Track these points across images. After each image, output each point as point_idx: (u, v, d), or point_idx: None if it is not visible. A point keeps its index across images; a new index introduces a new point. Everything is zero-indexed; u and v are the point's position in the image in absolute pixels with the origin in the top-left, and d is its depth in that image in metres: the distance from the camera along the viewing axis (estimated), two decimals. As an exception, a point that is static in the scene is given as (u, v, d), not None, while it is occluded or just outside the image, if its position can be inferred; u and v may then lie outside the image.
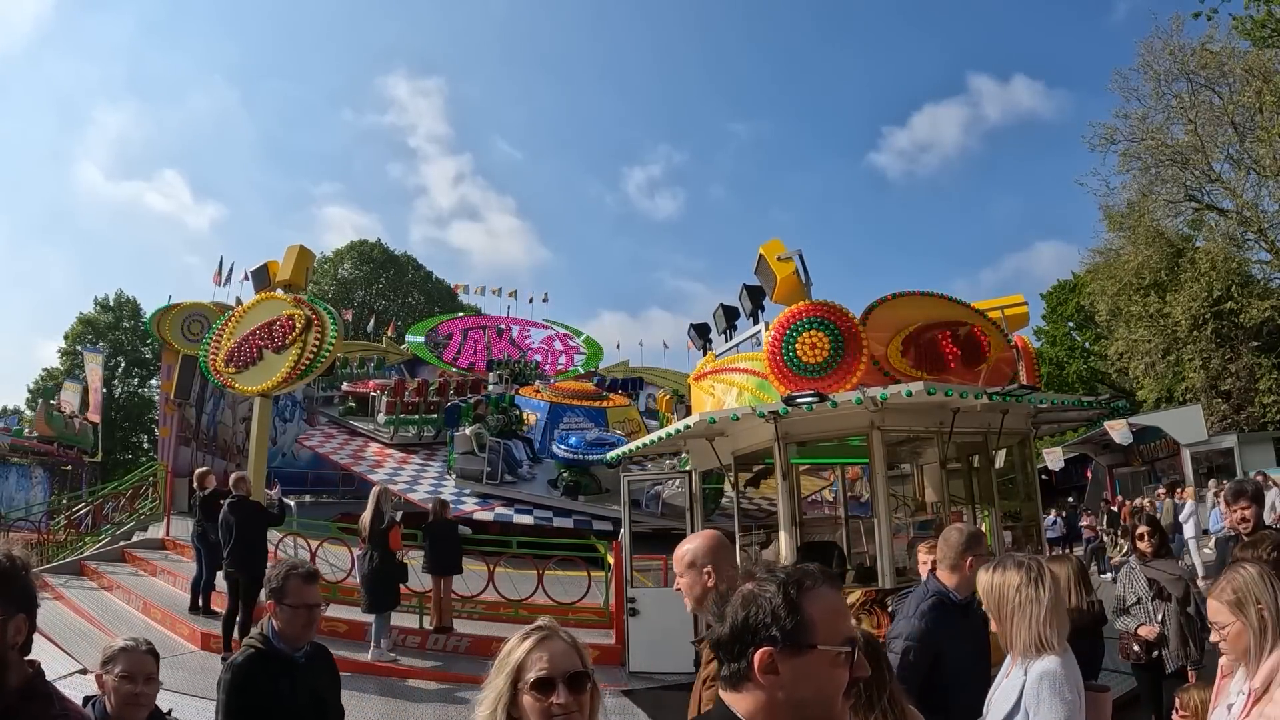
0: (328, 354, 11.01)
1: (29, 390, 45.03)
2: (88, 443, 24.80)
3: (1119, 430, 22.10)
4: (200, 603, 10.15)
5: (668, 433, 8.59)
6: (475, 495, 16.24)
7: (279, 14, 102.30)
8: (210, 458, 18.43)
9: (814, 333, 7.27)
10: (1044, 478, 22.46)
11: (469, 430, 17.26)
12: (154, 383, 44.69)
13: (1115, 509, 20.36)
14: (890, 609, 5.29)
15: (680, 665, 7.48)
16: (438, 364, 28.13)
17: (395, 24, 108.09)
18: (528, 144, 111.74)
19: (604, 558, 10.92)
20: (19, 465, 23.04)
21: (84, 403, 27.01)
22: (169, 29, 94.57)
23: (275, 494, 13.99)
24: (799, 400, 6.59)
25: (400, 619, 9.61)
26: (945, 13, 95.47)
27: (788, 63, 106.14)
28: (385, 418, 21.35)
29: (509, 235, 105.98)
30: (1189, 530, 15.19)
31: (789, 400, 6.69)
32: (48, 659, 6.94)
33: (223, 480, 11.30)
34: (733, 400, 8.34)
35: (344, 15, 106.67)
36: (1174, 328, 26.08)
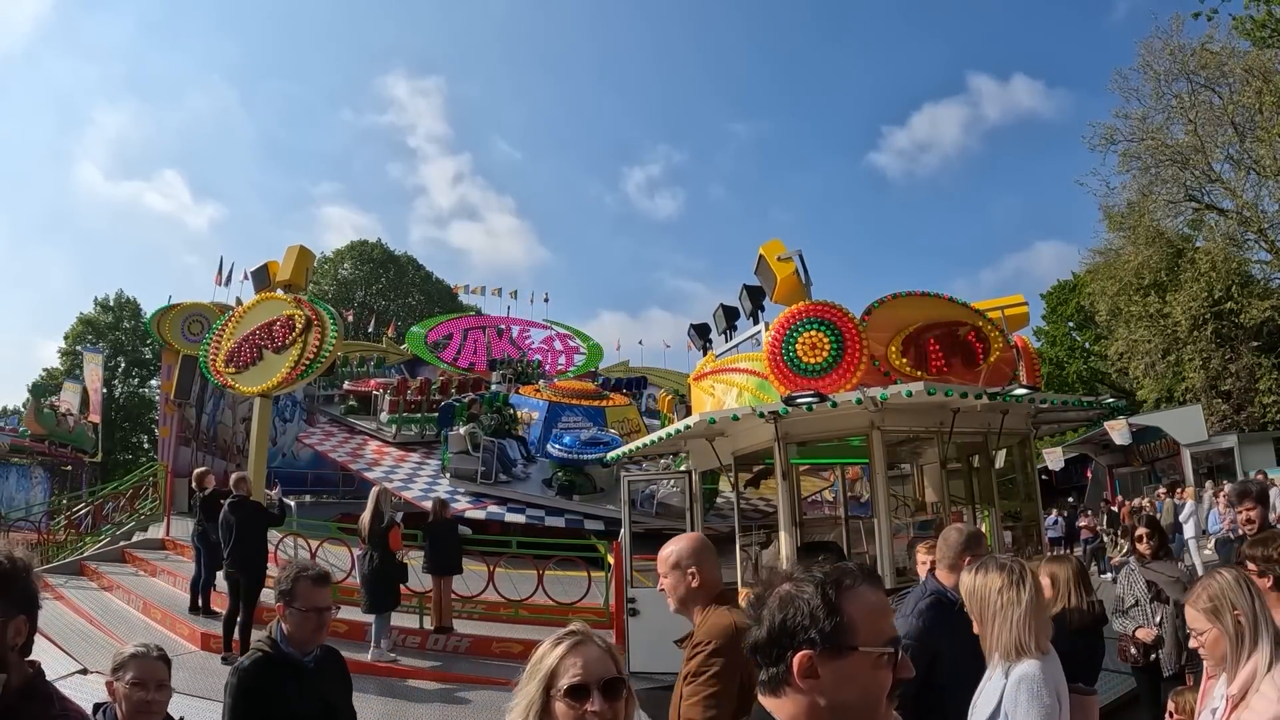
0: (328, 354, 11.02)
1: (29, 390, 45.05)
2: (84, 441, 24.76)
3: (1119, 430, 22.09)
4: (200, 603, 10.15)
5: (668, 433, 8.58)
6: (469, 494, 16.22)
7: (278, 14, 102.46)
8: (210, 458, 18.43)
9: (814, 333, 7.28)
10: (1044, 478, 22.46)
11: (463, 430, 17.20)
12: (154, 383, 44.71)
13: (1115, 509, 20.36)
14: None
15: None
16: (438, 364, 28.12)
17: (394, 23, 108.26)
18: (527, 144, 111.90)
19: (604, 558, 10.91)
20: (19, 465, 23.03)
21: (84, 403, 27.03)
22: (168, 29, 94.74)
23: (275, 494, 13.99)
24: (799, 400, 6.60)
25: (400, 619, 9.61)
26: (945, 12, 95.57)
27: (787, 62, 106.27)
28: (388, 416, 21.44)
29: (509, 235, 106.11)
30: (1189, 530, 15.18)
31: (789, 400, 6.69)
32: (48, 659, 6.94)
33: (223, 480, 11.31)
34: (733, 400, 8.35)
35: (343, 15, 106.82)
36: (1174, 328, 26.06)
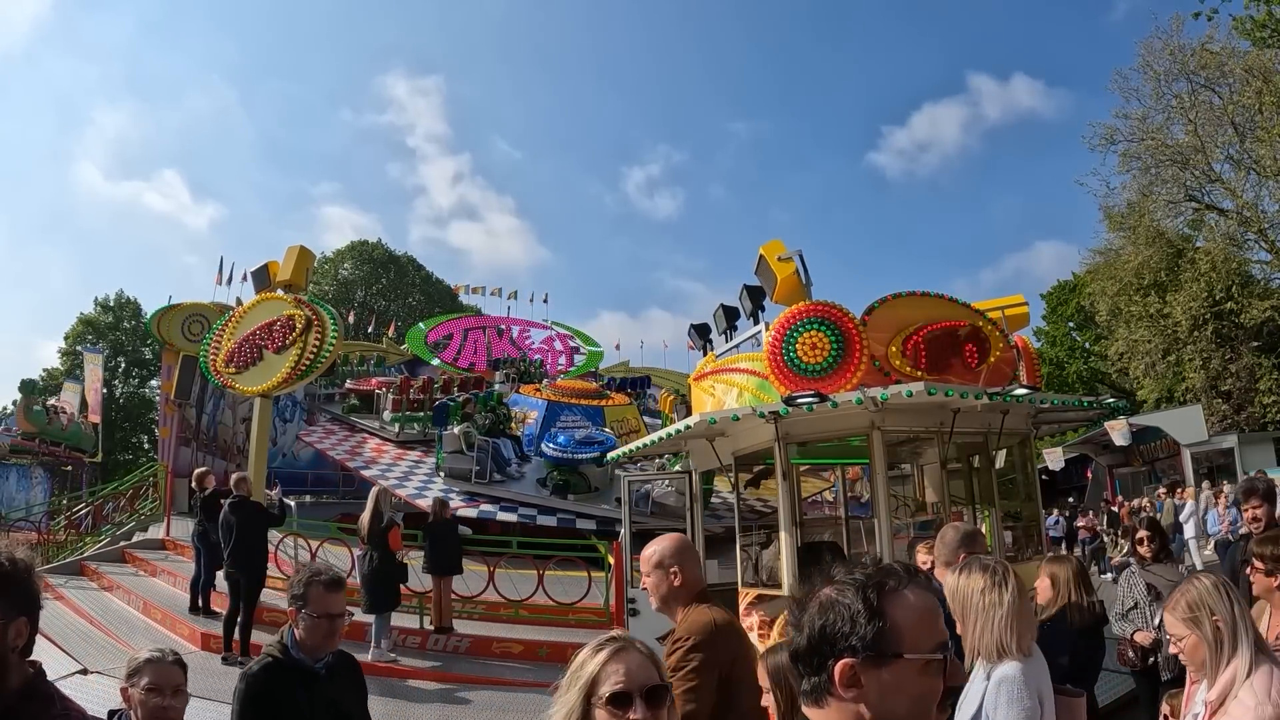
0: (328, 354, 11.02)
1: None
2: (79, 440, 24.72)
3: (1119, 430, 22.10)
4: (200, 603, 10.16)
5: (668, 433, 8.57)
6: (462, 493, 16.20)
7: (277, 13, 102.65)
8: (210, 458, 18.42)
9: (814, 333, 7.28)
10: (1044, 478, 22.45)
11: (457, 429, 17.17)
12: (154, 383, 44.70)
13: (1115, 509, 20.37)
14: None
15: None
16: (438, 364, 28.13)
17: (393, 23, 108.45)
18: (527, 143, 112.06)
19: (604, 558, 10.91)
20: (19, 465, 23.02)
21: (84, 403, 27.01)
22: (167, 29, 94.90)
23: (275, 494, 13.99)
24: (799, 400, 6.59)
25: (400, 619, 9.62)
26: (945, 11, 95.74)
27: (787, 62, 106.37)
28: (391, 415, 21.47)
29: (508, 235, 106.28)
30: (1189, 530, 15.20)
31: (789, 400, 6.68)
32: (48, 659, 6.93)
33: (223, 480, 11.31)
34: (733, 400, 8.34)
35: (342, 14, 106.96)
36: (1174, 328, 26.05)
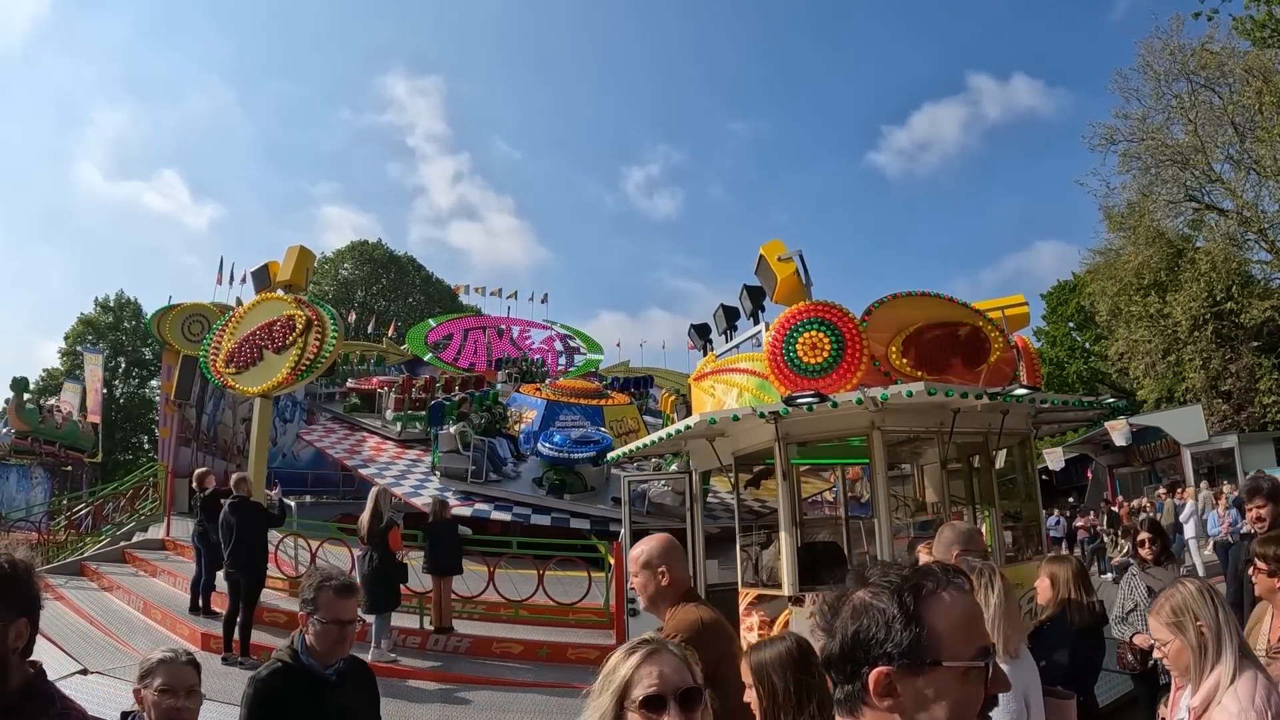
0: (328, 355, 11.02)
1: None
2: (75, 439, 24.70)
3: (1119, 430, 22.09)
4: (200, 603, 10.16)
5: (668, 433, 8.58)
6: (457, 493, 16.19)
7: (276, 13, 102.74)
8: (210, 458, 18.43)
9: (814, 333, 7.28)
10: (1044, 478, 22.46)
11: (453, 429, 17.16)
12: (154, 383, 44.69)
13: (1115, 509, 20.36)
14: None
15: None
16: (438, 364, 28.13)
17: (392, 22, 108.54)
18: (526, 143, 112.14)
19: (604, 558, 10.91)
20: (19, 466, 23.02)
21: (84, 403, 27.00)
22: (166, 28, 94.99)
23: (275, 494, 13.99)
24: (799, 400, 6.59)
25: (400, 619, 9.62)
26: (944, 11, 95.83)
27: (786, 61, 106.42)
28: (393, 414, 21.47)
29: (508, 235, 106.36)
30: (1189, 530, 15.19)
31: (789, 400, 6.68)
32: (48, 659, 6.93)
33: (223, 480, 11.31)
34: (733, 400, 8.34)
35: (340, 14, 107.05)
36: (1174, 328, 26.04)
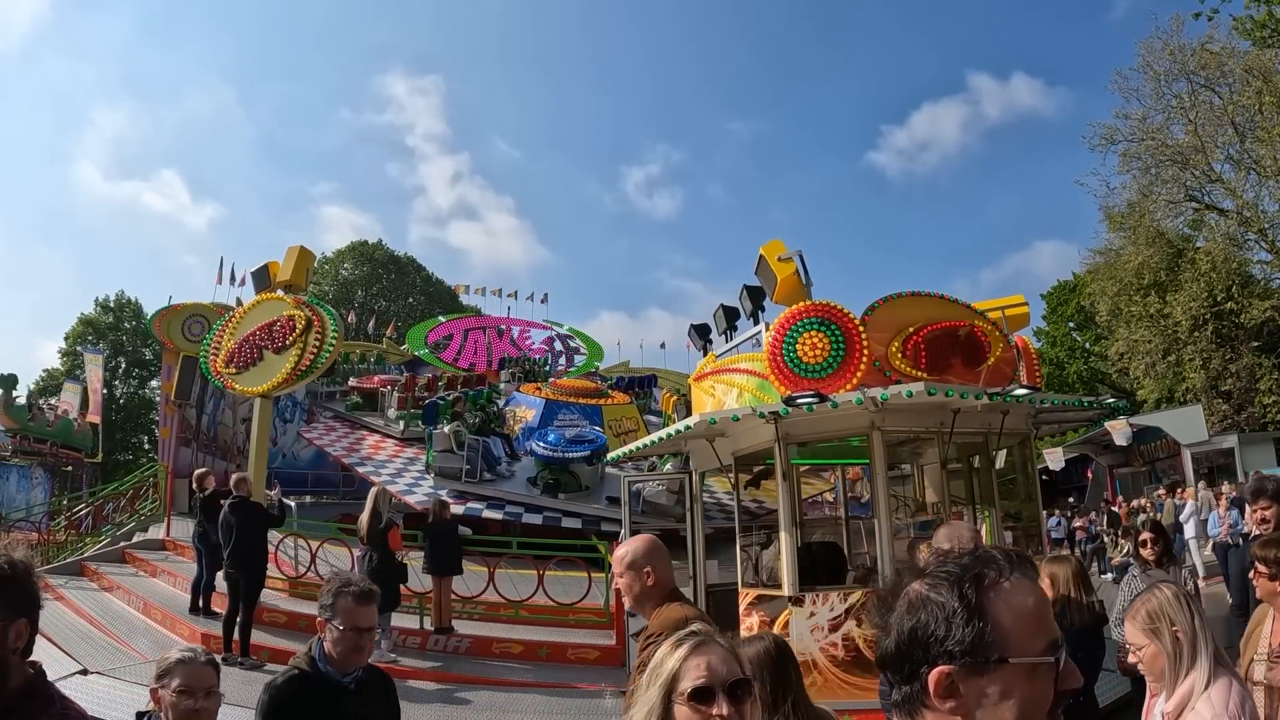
0: (328, 355, 11.02)
1: (29, 391, 45.04)
2: (70, 438, 24.70)
3: (1119, 430, 22.08)
4: (200, 603, 10.15)
5: (668, 433, 8.58)
6: (451, 492, 16.18)
7: (275, 13, 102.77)
8: (210, 458, 18.43)
9: (814, 333, 7.28)
10: (1045, 478, 22.44)
11: (447, 428, 17.15)
12: (154, 383, 44.68)
13: (1116, 509, 20.36)
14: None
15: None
16: (438, 364, 28.13)
17: (391, 22, 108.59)
18: (526, 143, 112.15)
19: (604, 558, 10.92)
20: (19, 466, 23.03)
21: (84, 403, 27.02)
22: (165, 28, 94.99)
23: (275, 494, 14.00)
24: (799, 401, 6.59)
25: (400, 619, 9.63)
26: (944, 10, 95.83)
27: (785, 61, 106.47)
28: (396, 413, 21.47)
29: (507, 235, 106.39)
30: (1189, 530, 15.19)
31: (789, 401, 6.68)
32: (48, 659, 6.93)
33: (223, 481, 11.31)
34: (733, 401, 8.34)
35: (339, 13, 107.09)
36: (1174, 328, 26.04)
